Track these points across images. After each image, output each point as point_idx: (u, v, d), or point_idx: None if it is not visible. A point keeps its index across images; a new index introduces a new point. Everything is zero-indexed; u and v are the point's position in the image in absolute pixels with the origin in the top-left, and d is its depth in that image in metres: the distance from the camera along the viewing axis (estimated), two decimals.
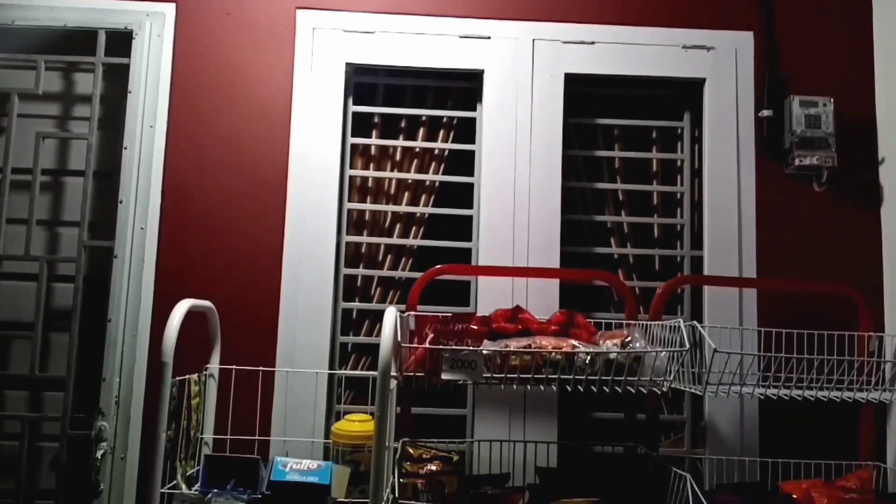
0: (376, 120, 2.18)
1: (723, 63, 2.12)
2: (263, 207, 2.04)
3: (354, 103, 2.15)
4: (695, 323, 1.66)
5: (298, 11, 2.10)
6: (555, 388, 1.88)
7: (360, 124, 2.17)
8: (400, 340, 1.62)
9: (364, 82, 2.18)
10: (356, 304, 2.11)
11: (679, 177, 2.20)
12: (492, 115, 2.09)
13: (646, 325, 1.74)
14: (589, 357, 1.59)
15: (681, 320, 1.61)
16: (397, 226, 2.16)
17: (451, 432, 1.97)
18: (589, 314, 1.82)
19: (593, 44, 2.11)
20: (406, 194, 2.17)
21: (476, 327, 1.68)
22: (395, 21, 2.11)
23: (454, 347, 1.58)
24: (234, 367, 1.89)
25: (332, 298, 2.02)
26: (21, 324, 2.02)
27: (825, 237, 2.08)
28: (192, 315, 1.73)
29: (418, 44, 2.10)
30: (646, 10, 2.14)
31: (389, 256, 2.16)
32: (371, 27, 2.10)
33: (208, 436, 1.87)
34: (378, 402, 1.46)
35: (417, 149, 2.18)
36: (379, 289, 2.15)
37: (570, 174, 2.17)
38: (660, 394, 1.82)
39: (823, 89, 2.10)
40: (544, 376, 1.58)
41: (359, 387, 2.10)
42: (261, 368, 1.93)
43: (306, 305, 2.00)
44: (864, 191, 2.10)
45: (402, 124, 2.19)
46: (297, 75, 2.07)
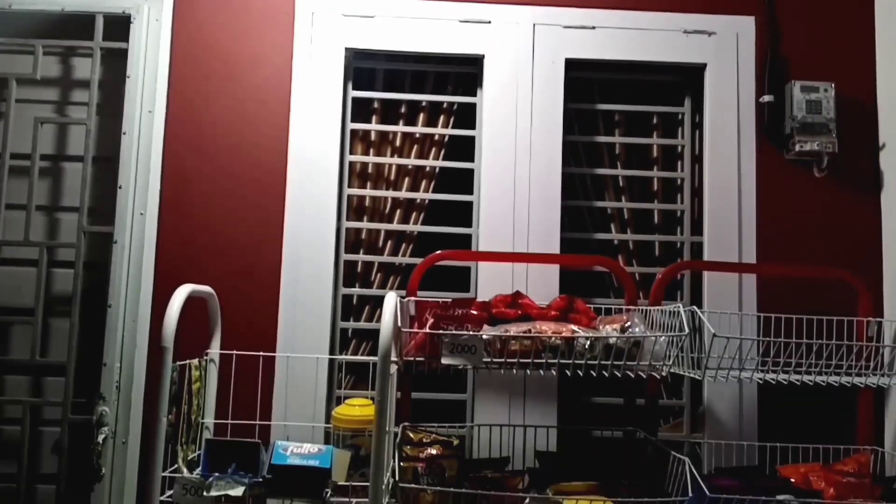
0: (376, 105, 2.17)
1: (724, 48, 2.11)
2: (263, 193, 2.04)
3: (354, 89, 2.14)
4: (694, 308, 1.66)
5: None
6: (554, 373, 1.89)
7: (360, 110, 2.17)
8: (400, 325, 1.62)
9: (363, 67, 2.17)
10: (356, 290, 2.11)
11: (679, 162, 2.20)
12: (492, 101, 2.08)
13: (645, 310, 1.75)
14: (588, 342, 1.60)
15: (680, 305, 1.62)
16: (397, 212, 2.16)
17: (451, 417, 1.97)
18: (589, 300, 1.81)
19: (594, 28, 2.10)
20: (406, 180, 2.16)
21: (476, 312, 1.68)
22: (395, 5, 2.09)
23: (454, 332, 1.58)
24: (235, 352, 1.89)
25: (333, 284, 2.02)
26: (21, 309, 2.02)
27: (825, 223, 2.08)
28: (192, 300, 1.73)
29: (418, 28, 2.09)
30: None
31: (389, 242, 2.15)
32: (371, 11, 2.09)
33: (209, 420, 1.87)
34: (378, 386, 1.47)
35: (417, 134, 2.17)
36: (379, 275, 2.15)
37: (571, 160, 2.16)
38: (659, 378, 1.83)
39: (825, 74, 2.09)
40: (544, 361, 1.59)
41: (359, 372, 2.11)
42: (261, 353, 1.93)
43: (307, 291, 2.00)
44: (865, 176, 2.10)
45: (402, 110, 2.18)
46: (296, 60, 2.06)
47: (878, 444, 1.88)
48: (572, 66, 2.11)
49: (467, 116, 2.16)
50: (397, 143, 2.18)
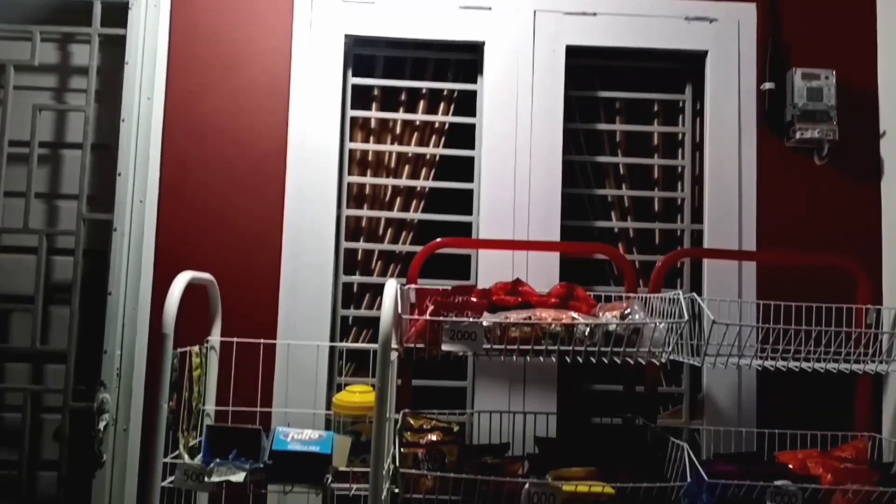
0: (376, 93, 2.17)
1: (725, 35, 2.10)
2: (263, 180, 2.03)
3: (354, 76, 2.13)
4: (694, 295, 1.66)
5: None
6: (554, 360, 1.89)
7: (360, 97, 2.16)
8: (400, 312, 1.63)
9: (363, 54, 2.16)
10: (357, 278, 2.11)
11: (680, 150, 2.20)
12: (492, 88, 2.07)
13: (645, 297, 1.75)
14: (588, 329, 1.60)
15: (680, 292, 1.62)
16: (398, 199, 2.15)
17: (451, 405, 1.98)
18: (589, 287, 1.82)
19: (595, 15, 2.09)
20: (406, 168, 2.16)
21: (476, 300, 1.68)
22: None
23: (454, 319, 1.58)
24: (236, 339, 1.89)
25: (333, 272, 2.02)
26: (21, 297, 2.02)
27: (825, 210, 2.08)
28: (192, 288, 1.73)
29: (418, 14, 2.08)
30: None
31: (390, 230, 2.15)
32: None
33: (210, 407, 1.88)
34: (379, 372, 1.47)
35: (418, 122, 2.16)
36: (379, 263, 2.15)
37: (571, 147, 2.16)
38: (658, 365, 1.84)
39: (826, 62, 2.09)
40: (544, 348, 1.59)
41: (360, 359, 2.11)
42: (262, 341, 1.93)
43: (307, 279, 2.00)
44: (865, 164, 2.10)
45: (402, 97, 2.17)
46: (295, 46, 2.05)
47: (876, 431, 1.89)
48: (573, 52, 2.10)
49: (468, 104, 2.15)
50: (397, 130, 2.17)
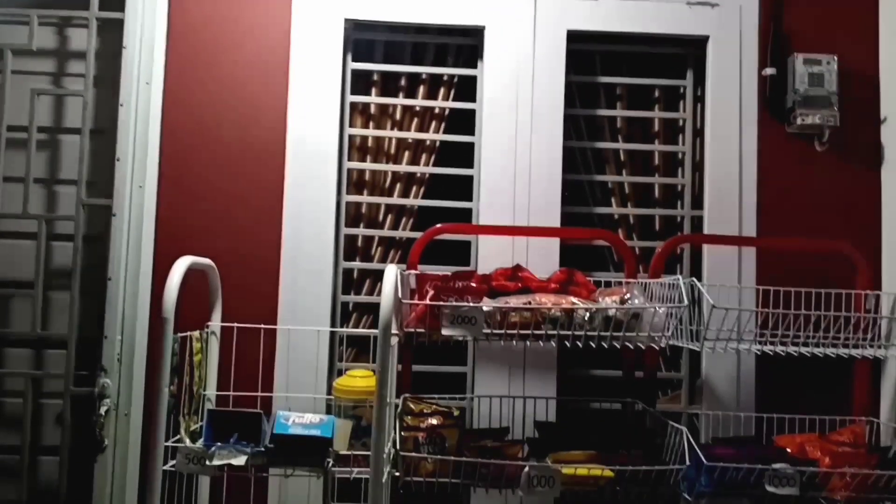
0: (375, 78, 2.16)
1: (727, 20, 2.09)
2: (262, 166, 2.02)
3: (353, 61, 2.12)
4: (693, 280, 1.67)
5: None
6: (554, 345, 1.89)
7: (359, 82, 2.15)
8: (401, 297, 1.63)
9: (363, 39, 2.14)
10: (357, 264, 2.11)
11: (681, 136, 2.19)
12: (493, 73, 2.06)
13: (645, 282, 1.75)
14: (588, 313, 1.60)
15: (679, 277, 1.62)
16: (398, 185, 2.15)
17: (452, 391, 1.98)
18: (589, 273, 1.82)
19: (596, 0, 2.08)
20: (406, 154, 2.15)
21: (476, 285, 1.69)
22: None
23: (454, 304, 1.59)
24: (236, 324, 1.90)
25: (333, 258, 2.02)
26: (21, 282, 2.01)
27: (825, 196, 2.08)
28: (193, 274, 1.73)
29: None
30: None
31: (390, 216, 2.15)
32: None
33: (211, 392, 1.89)
34: (379, 357, 1.48)
35: (418, 107, 2.16)
36: (380, 249, 2.15)
37: (572, 133, 2.15)
38: (657, 350, 1.85)
39: (827, 47, 2.08)
40: (543, 332, 1.60)
41: (360, 345, 2.12)
42: (262, 326, 1.93)
43: (307, 265, 2.00)
44: (866, 150, 2.10)
45: (402, 82, 2.16)
46: (294, 30, 2.04)
47: (874, 416, 1.90)
48: (574, 38, 2.09)
49: (468, 89, 2.14)
50: (397, 116, 2.16)
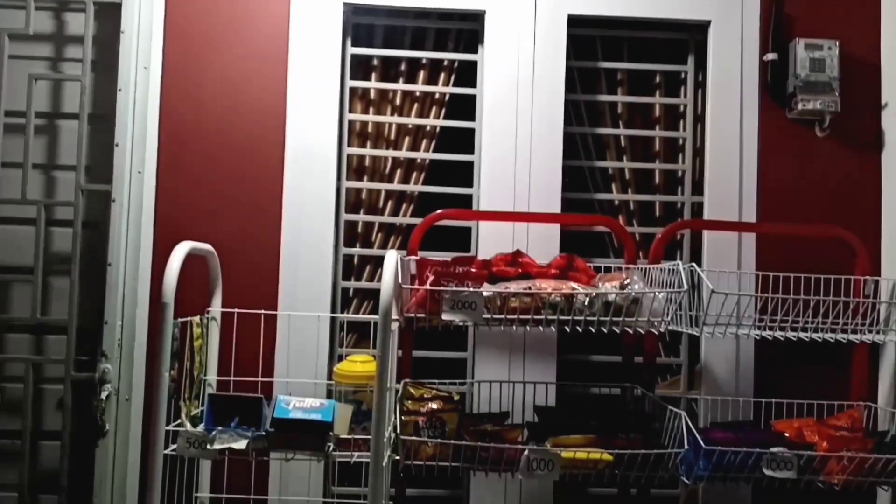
0: (375, 63, 2.15)
1: (729, 5, 2.08)
2: (262, 151, 2.02)
3: (353, 45, 2.11)
4: (693, 265, 1.67)
5: None
6: (554, 330, 1.91)
7: (359, 67, 2.14)
8: (401, 283, 1.63)
9: (362, 23, 2.13)
10: (357, 250, 2.11)
11: (681, 122, 2.18)
12: (493, 58, 2.05)
13: (645, 268, 1.75)
14: (588, 299, 1.60)
15: (679, 262, 1.62)
16: (398, 172, 2.14)
17: (452, 377, 1.98)
18: (589, 260, 1.82)
19: None
20: (406, 139, 2.14)
21: (476, 270, 1.69)
22: None
23: (455, 289, 1.59)
24: (236, 310, 1.90)
25: (333, 244, 2.02)
26: (20, 268, 2.01)
27: (825, 182, 2.08)
28: (192, 260, 1.73)
29: None
30: None
31: (390, 202, 2.15)
32: None
33: (212, 377, 1.89)
34: (380, 341, 1.48)
35: (418, 93, 2.15)
36: (380, 235, 2.14)
37: (573, 119, 2.15)
38: (657, 335, 1.85)
39: (829, 32, 2.07)
40: (543, 318, 1.60)
41: (361, 331, 2.12)
42: (262, 312, 1.94)
43: (307, 251, 2.00)
44: (866, 136, 2.09)
45: (402, 67, 2.15)
46: (293, 14, 2.02)
47: (872, 400, 1.91)
48: (575, 22, 2.08)
49: (469, 75, 2.13)
50: (397, 101, 2.15)
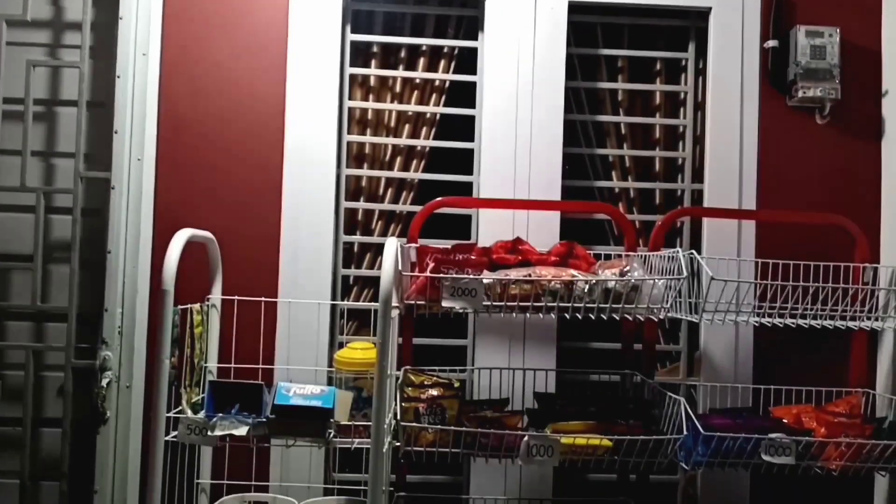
0: (375, 50, 2.14)
1: None
2: (261, 138, 2.01)
3: (352, 32, 2.10)
4: (693, 252, 1.67)
5: None
6: (554, 317, 1.92)
7: (359, 54, 2.13)
8: (401, 270, 1.63)
9: (362, 10, 2.12)
10: (357, 238, 2.11)
11: (682, 109, 2.18)
12: (493, 45, 2.04)
13: (644, 255, 1.76)
14: (588, 286, 1.61)
15: (679, 250, 1.62)
16: (398, 159, 2.14)
17: (452, 365, 1.99)
18: (589, 247, 1.82)
19: None
20: (406, 127, 2.14)
21: (476, 257, 1.69)
22: None
23: (454, 276, 1.59)
24: (236, 297, 1.90)
25: (333, 231, 2.02)
26: (20, 256, 2.01)
27: (825, 170, 2.08)
28: (192, 247, 1.73)
29: None
30: None
31: (390, 190, 2.14)
32: None
33: (212, 364, 1.90)
34: (380, 328, 1.48)
35: (418, 80, 2.14)
36: (380, 222, 2.14)
37: (573, 106, 2.14)
38: (656, 322, 1.86)
39: (830, 19, 2.06)
40: (543, 305, 1.60)
41: (361, 318, 2.12)
42: (263, 299, 1.94)
43: (307, 238, 2.00)
44: (867, 124, 2.09)
45: (402, 54, 2.14)
46: (293, 1, 2.00)
47: (870, 387, 1.92)
48: (575, 8, 2.07)
49: (469, 61, 2.12)
50: (397, 88, 2.14)
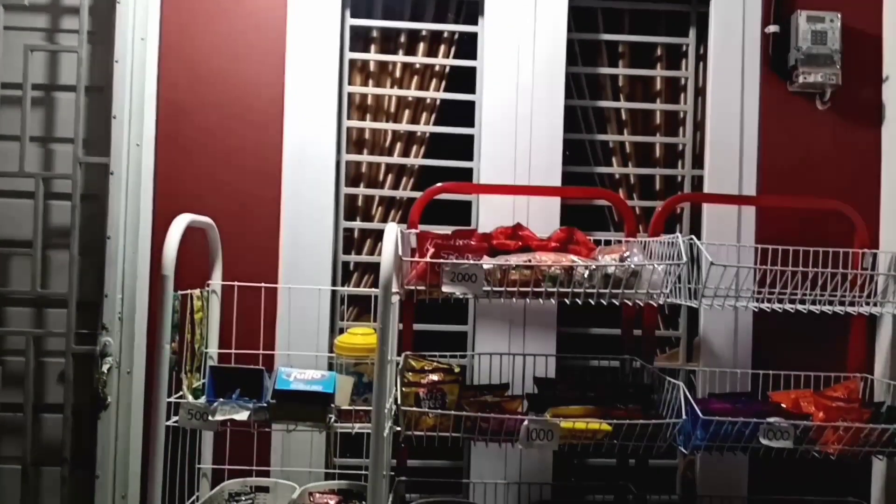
0: (375, 34, 2.13)
1: None
2: (261, 123, 2.00)
3: (352, 17, 2.08)
4: (692, 237, 1.67)
5: None
6: (554, 302, 1.91)
7: (358, 39, 2.12)
8: (401, 255, 1.63)
9: None
10: (357, 224, 2.11)
11: (683, 95, 2.17)
12: (493, 30, 2.03)
13: (644, 241, 1.76)
14: (587, 271, 1.61)
15: (679, 235, 1.62)
16: (398, 145, 2.13)
17: (452, 351, 1.99)
18: (589, 233, 1.82)
19: None
20: (406, 112, 2.13)
21: (476, 243, 1.69)
22: None
23: (455, 261, 1.59)
24: (237, 283, 1.90)
25: (333, 217, 2.02)
26: (19, 242, 2.01)
27: (826, 155, 2.08)
28: (192, 233, 1.73)
29: None
30: None
31: (390, 176, 2.14)
32: None
33: (213, 350, 1.90)
34: (380, 313, 1.48)
35: (417, 65, 2.13)
36: (380, 208, 2.14)
37: (573, 92, 2.13)
38: (656, 307, 1.86)
39: (831, 4, 2.05)
40: (543, 290, 1.60)
41: (362, 304, 2.12)
42: (263, 285, 1.94)
43: (307, 224, 1.99)
44: (867, 109, 2.08)
45: (402, 39, 2.13)
46: None
47: (868, 372, 1.93)
48: None
49: (469, 46, 2.11)
50: (397, 74, 2.13)
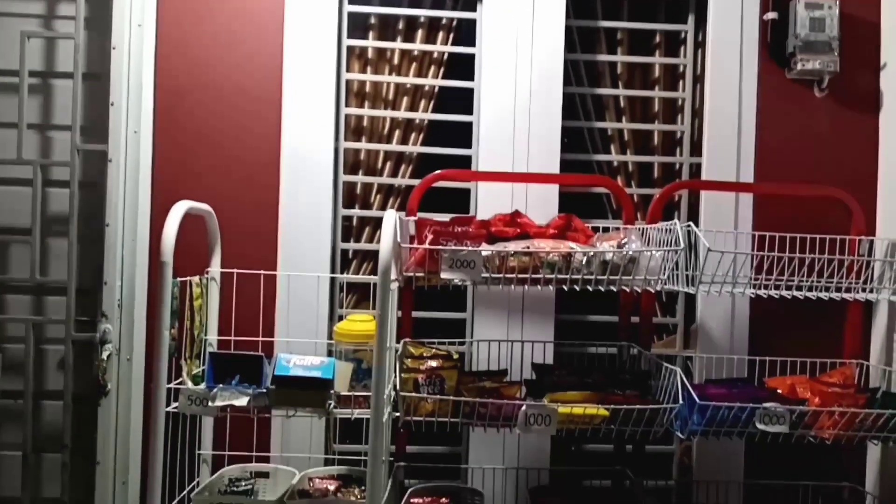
0: (373, 21, 2.12)
1: None
2: (259, 110, 2.00)
3: (349, 3, 2.08)
4: (690, 224, 1.68)
5: None
6: (552, 289, 1.92)
7: (356, 26, 2.11)
8: (400, 242, 1.63)
9: None
10: (356, 211, 2.11)
11: (681, 82, 2.17)
12: (492, 16, 2.03)
13: (642, 228, 1.76)
14: (585, 258, 1.61)
15: (676, 222, 1.63)
16: (396, 132, 2.13)
17: (451, 338, 2.00)
18: (587, 221, 1.83)
19: None
20: (405, 100, 2.13)
21: (475, 230, 1.69)
22: None
23: (453, 248, 1.60)
24: (236, 270, 1.91)
25: (332, 205, 2.02)
26: (18, 229, 2.00)
27: (823, 143, 2.08)
28: (191, 220, 1.73)
29: None
30: None
31: (389, 164, 2.14)
32: None
33: (212, 337, 1.90)
34: (379, 299, 1.49)
35: (416, 52, 2.13)
36: (379, 196, 2.14)
37: (572, 79, 2.13)
38: (654, 294, 1.87)
39: None
40: (541, 276, 1.61)
41: (361, 292, 2.13)
42: (262, 272, 1.94)
43: (306, 212, 2.00)
44: (865, 96, 2.09)
45: (400, 26, 2.13)
46: None
47: (864, 358, 1.94)
48: None
49: (468, 34, 2.11)
50: (395, 61, 2.13)
